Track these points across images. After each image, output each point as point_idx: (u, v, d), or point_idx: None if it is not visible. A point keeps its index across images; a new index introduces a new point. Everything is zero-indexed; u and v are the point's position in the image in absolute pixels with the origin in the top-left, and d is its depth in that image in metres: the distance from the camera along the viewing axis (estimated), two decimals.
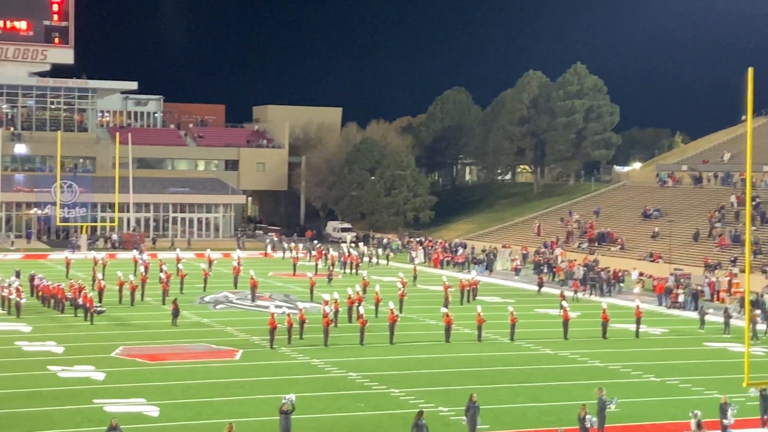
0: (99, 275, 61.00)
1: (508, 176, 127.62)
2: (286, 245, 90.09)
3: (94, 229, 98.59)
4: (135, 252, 78.28)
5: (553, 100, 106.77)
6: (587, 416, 29.70)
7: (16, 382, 37.28)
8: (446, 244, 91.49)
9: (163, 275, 60.75)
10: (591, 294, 66.92)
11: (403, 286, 59.06)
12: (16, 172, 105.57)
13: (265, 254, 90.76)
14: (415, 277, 70.78)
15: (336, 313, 50.41)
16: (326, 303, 49.07)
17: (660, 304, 62.65)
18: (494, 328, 49.89)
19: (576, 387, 37.99)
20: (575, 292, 65.03)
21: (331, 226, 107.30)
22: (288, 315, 47.31)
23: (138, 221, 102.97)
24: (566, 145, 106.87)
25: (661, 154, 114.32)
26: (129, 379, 38.30)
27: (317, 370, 40.75)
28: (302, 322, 47.25)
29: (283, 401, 29.00)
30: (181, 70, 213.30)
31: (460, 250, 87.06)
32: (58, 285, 56.41)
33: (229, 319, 53.54)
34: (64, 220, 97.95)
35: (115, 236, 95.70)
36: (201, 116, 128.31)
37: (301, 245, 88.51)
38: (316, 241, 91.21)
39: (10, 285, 55.27)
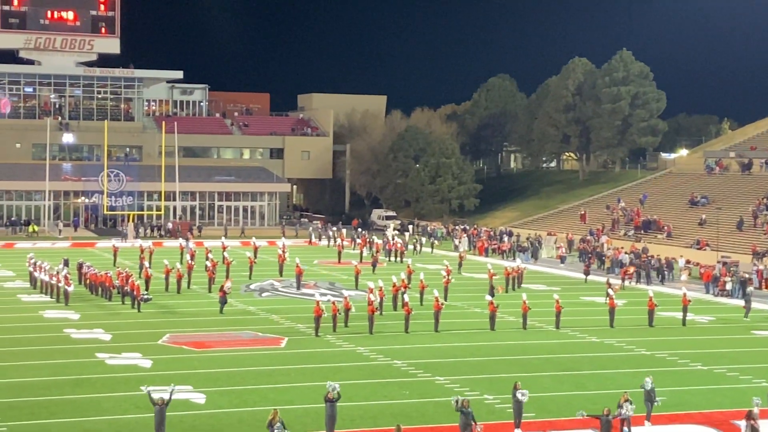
0: (146, 263, 61.42)
1: (553, 164, 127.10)
2: (330, 233, 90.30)
3: (141, 217, 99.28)
4: (181, 240, 78.77)
5: (599, 87, 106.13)
6: (625, 403, 29.43)
7: (64, 369, 37.65)
8: (491, 232, 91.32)
9: (209, 263, 61.08)
10: (638, 282, 66.52)
11: (448, 274, 59.01)
12: (64, 162, 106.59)
13: (310, 242, 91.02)
14: (460, 265, 70.69)
15: (381, 300, 50.49)
16: (371, 291, 49.13)
17: (707, 292, 62.20)
18: (539, 316, 49.75)
19: (622, 375, 37.80)
20: (622, 279, 64.68)
21: (376, 214, 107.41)
22: (333, 303, 47.44)
23: (184, 210, 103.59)
24: (612, 132, 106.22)
25: (708, 141, 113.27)
26: (176, 366, 38.58)
27: (362, 358, 40.82)
28: (347, 309, 47.36)
29: (328, 389, 29.08)
30: (227, 59, 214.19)
31: (506, 238, 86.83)
32: (106, 273, 56.89)
33: (274, 306, 53.75)
34: (111, 208, 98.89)
35: (170, 224, 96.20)
36: (246, 105, 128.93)
37: (345, 233, 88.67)
38: (360, 229, 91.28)
39: (58, 273, 55.81)
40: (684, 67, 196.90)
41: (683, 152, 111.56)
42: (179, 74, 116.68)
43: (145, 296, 53.60)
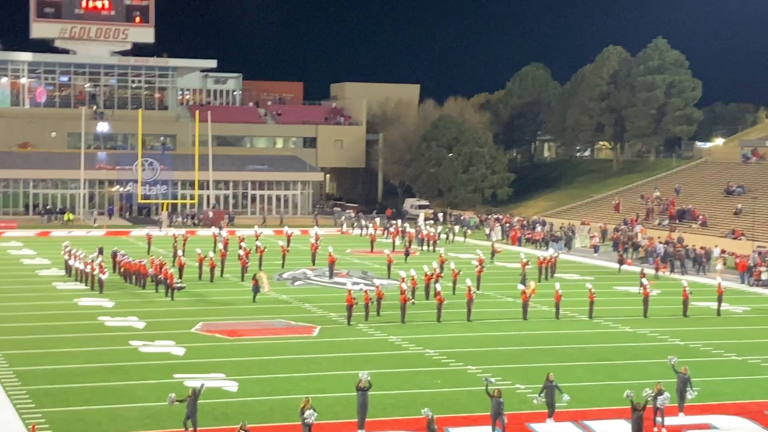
0: (179, 252, 61.72)
1: (587, 153, 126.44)
2: (363, 222, 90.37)
3: (175, 206, 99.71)
4: (215, 229, 79.03)
5: (634, 76, 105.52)
6: (661, 394, 29.32)
7: (98, 356, 37.89)
8: (524, 221, 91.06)
9: (241, 252, 61.27)
10: (672, 271, 66.13)
11: (480, 264, 58.91)
12: (99, 150, 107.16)
13: (342, 231, 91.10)
14: (493, 254, 70.49)
15: (413, 290, 50.48)
16: (403, 280, 49.08)
17: (742, 282, 61.76)
18: (572, 306, 49.57)
19: (654, 365, 37.61)
20: (656, 269, 64.32)
21: (409, 204, 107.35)
22: (366, 292, 47.47)
23: (217, 199, 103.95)
24: (647, 121, 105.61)
25: (745, 130, 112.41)
26: (208, 354, 38.74)
27: (394, 347, 40.83)
28: (379, 298, 47.38)
29: (360, 378, 29.11)
30: (260, 48, 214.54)
31: (538, 227, 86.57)
32: (140, 261, 57.18)
33: (306, 295, 53.86)
34: (145, 197, 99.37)
35: (211, 213, 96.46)
36: (279, 94, 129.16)
37: (378, 222, 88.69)
38: (393, 219, 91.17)
39: (93, 261, 56.16)
40: (720, 55, 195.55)
41: (719, 141, 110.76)
42: (213, 63, 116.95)
43: (179, 284, 53.84)
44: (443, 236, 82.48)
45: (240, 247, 63.09)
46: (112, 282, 55.66)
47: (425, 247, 76.89)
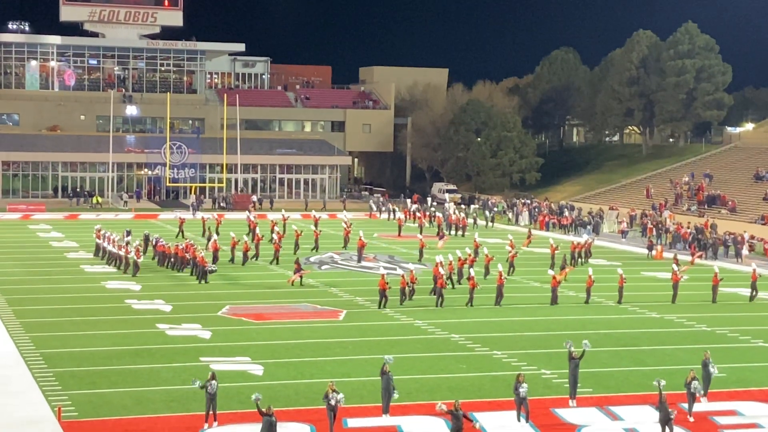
0: (214, 235, 61.85)
1: (616, 137, 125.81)
2: (390, 206, 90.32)
3: (204, 190, 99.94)
4: (247, 213, 79.06)
5: (663, 60, 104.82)
6: (693, 382, 29.25)
7: (125, 339, 38.08)
8: (551, 206, 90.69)
9: (275, 236, 61.39)
10: (703, 257, 65.71)
11: (512, 248, 58.73)
12: (128, 134, 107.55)
13: (370, 215, 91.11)
14: (529, 236, 69.85)
15: (450, 275, 50.46)
16: (441, 265, 49.02)
17: None
18: (600, 291, 49.37)
19: (681, 351, 37.46)
20: (692, 255, 63.68)
21: (437, 188, 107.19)
22: (402, 276, 47.45)
23: (245, 182, 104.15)
24: (676, 106, 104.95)
25: None
26: (234, 338, 38.85)
27: (420, 331, 40.82)
28: (413, 283, 47.39)
29: (385, 361, 29.13)
30: (288, 32, 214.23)
31: (566, 212, 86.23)
32: (176, 245, 57.36)
33: (333, 279, 53.88)
34: (174, 180, 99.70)
35: (255, 197, 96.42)
36: (308, 78, 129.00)
37: (407, 206, 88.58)
38: (419, 204, 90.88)
39: (128, 244, 56.41)
40: (751, 39, 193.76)
41: (749, 126, 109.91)
42: (241, 47, 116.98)
43: (211, 268, 53.93)
44: (470, 221, 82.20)
45: (273, 231, 63.18)
46: (145, 265, 55.65)
47: (454, 232, 76.63)
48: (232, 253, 59.19)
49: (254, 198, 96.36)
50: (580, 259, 61.50)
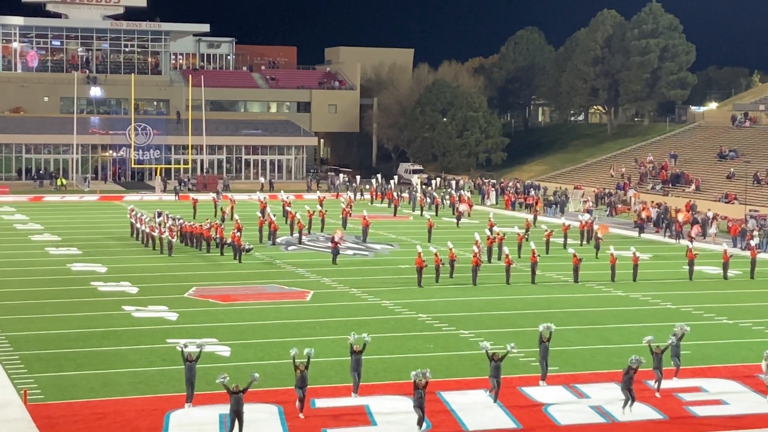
0: (236, 216, 61.43)
1: (582, 117, 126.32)
2: (355, 186, 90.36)
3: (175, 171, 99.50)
4: (213, 194, 78.27)
5: (628, 40, 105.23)
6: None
7: (91, 321, 37.94)
8: (518, 185, 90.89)
9: (298, 215, 62.10)
10: (665, 236, 66.14)
11: (527, 229, 59.40)
12: (92, 115, 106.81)
13: (337, 195, 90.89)
14: (536, 218, 69.92)
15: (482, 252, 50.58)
16: (477, 243, 49.67)
17: (735, 245, 61.72)
18: (562, 270, 49.60)
19: (646, 329, 37.68)
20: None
21: (403, 168, 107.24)
22: (436, 254, 47.72)
23: (210, 163, 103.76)
24: (640, 86, 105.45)
25: (738, 94, 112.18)
26: (201, 319, 38.81)
27: (387, 312, 40.92)
28: (452, 261, 47.96)
29: (355, 339, 29.23)
30: (253, 12, 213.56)
31: (532, 192, 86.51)
32: (200, 225, 57.66)
33: (300, 260, 53.84)
34: (139, 162, 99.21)
35: (221, 183, 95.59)
36: (273, 58, 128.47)
37: (374, 186, 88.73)
38: (381, 182, 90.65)
39: (161, 225, 56.69)
40: (714, 19, 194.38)
41: (713, 105, 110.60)
42: (206, 27, 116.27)
43: (247, 246, 54.62)
44: (429, 200, 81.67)
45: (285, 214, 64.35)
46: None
47: (424, 213, 75.94)
48: (260, 232, 59.87)
49: (221, 184, 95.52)
50: (585, 238, 61.63)
